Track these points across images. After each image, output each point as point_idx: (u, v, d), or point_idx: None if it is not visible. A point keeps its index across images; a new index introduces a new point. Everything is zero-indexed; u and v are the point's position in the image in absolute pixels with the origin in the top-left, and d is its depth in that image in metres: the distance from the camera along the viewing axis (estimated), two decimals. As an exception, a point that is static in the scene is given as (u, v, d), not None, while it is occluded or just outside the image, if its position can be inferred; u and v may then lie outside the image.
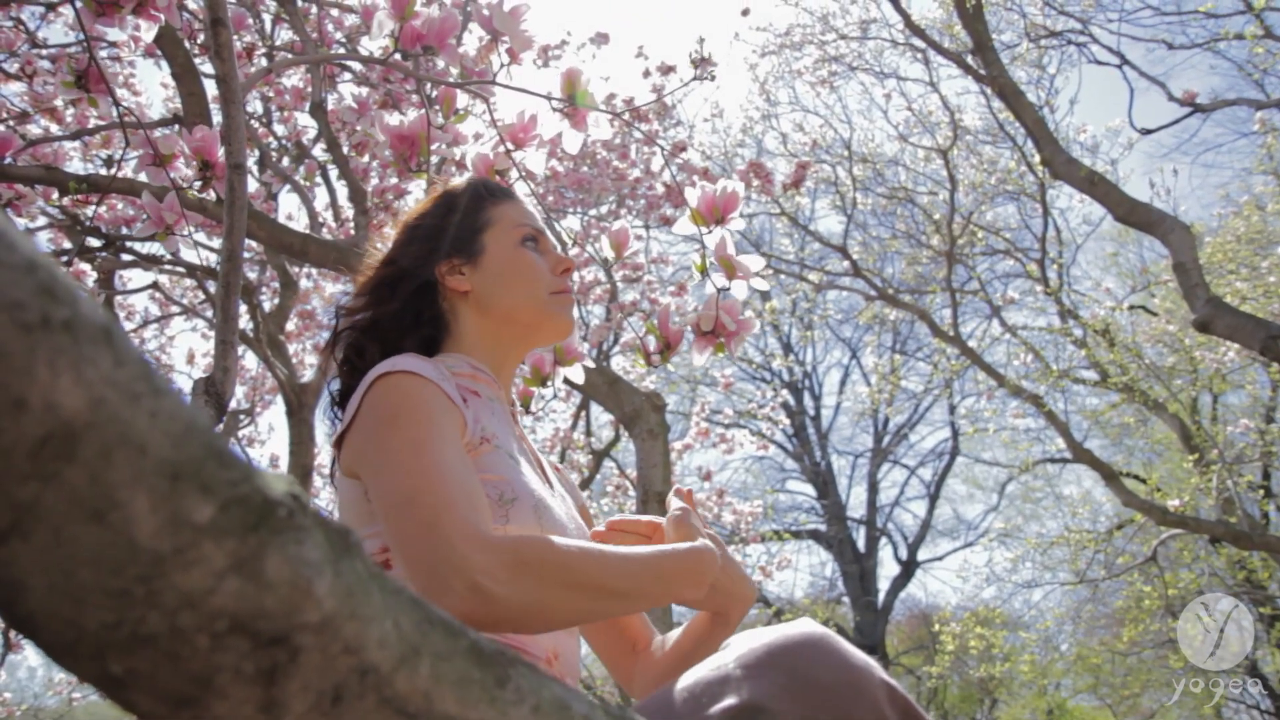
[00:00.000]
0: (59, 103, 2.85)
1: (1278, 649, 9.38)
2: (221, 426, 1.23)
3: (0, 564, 0.26)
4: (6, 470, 0.26)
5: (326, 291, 6.05)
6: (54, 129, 3.14)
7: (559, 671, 0.99)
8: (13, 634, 4.19)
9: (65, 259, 3.10)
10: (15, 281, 0.26)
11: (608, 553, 0.89)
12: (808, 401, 17.02)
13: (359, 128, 3.76)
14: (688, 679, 0.73)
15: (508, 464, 1.02)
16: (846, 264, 9.78)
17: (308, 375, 4.84)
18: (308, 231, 3.43)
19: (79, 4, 1.50)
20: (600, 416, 8.40)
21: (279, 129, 4.84)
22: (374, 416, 0.97)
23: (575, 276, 5.26)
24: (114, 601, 0.27)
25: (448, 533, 0.82)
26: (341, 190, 4.74)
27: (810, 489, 17.04)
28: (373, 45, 1.55)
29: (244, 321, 4.15)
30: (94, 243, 3.41)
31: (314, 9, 3.86)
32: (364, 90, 3.88)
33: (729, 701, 0.68)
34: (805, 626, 0.74)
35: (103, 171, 3.24)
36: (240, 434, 6.18)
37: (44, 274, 0.27)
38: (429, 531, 0.83)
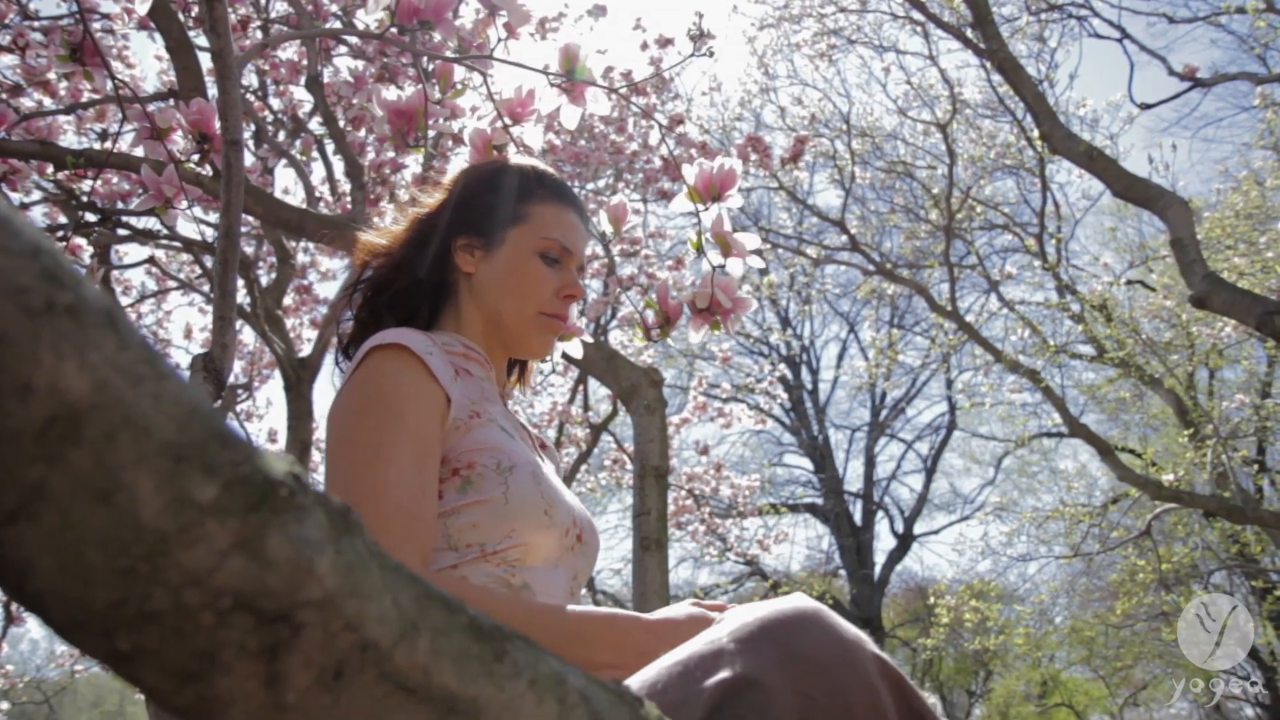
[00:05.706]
0: (52, 76, 2.83)
1: (1269, 622, 9.46)
2: (220, 402, 1.24)
3: (9, 545, 0.27)
4: (13, 453, 0.26)
5: (323, 266, 6.04)
6: (47, 103, 3.12)
7: None
8: (15, 607, 4.21)
9: (61, 234, 3.09)
10: (20, 267, 0.26)
11: (528, 606, 0.91)
12: (805, 376, 17.06)
13: (355, 101, 3.75)
14: (680, 653, 0.74)
15: (500, 435, 1.03)
16: (845, 238, 9.77)
17: (305, 350, 4.84)
18: (305, 206, 3.42)
19: (72, -23, 1.49)
20: (598, 390, 8.42)
21: (274, 103, 4.80)
22: (353, 397, 0.99)
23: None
24: (120, 580, 0.27)
25: None
26: (338, 165, 4.72)
27: (808, 463, 17.12)
28: (369, 19, 1.53)
29: (241, 296, 4.15)
30: (90, 217, 3.40)
31: (309, -19, 3.82)
32: (360, 64, 3.86)
33: (722, 675, 0.68)
34: (798, 601, 0.75)
35: (97, 145, 3.23)
36: (238, 409, 6.19)
37: (48, 259, 0.27)
38: None
